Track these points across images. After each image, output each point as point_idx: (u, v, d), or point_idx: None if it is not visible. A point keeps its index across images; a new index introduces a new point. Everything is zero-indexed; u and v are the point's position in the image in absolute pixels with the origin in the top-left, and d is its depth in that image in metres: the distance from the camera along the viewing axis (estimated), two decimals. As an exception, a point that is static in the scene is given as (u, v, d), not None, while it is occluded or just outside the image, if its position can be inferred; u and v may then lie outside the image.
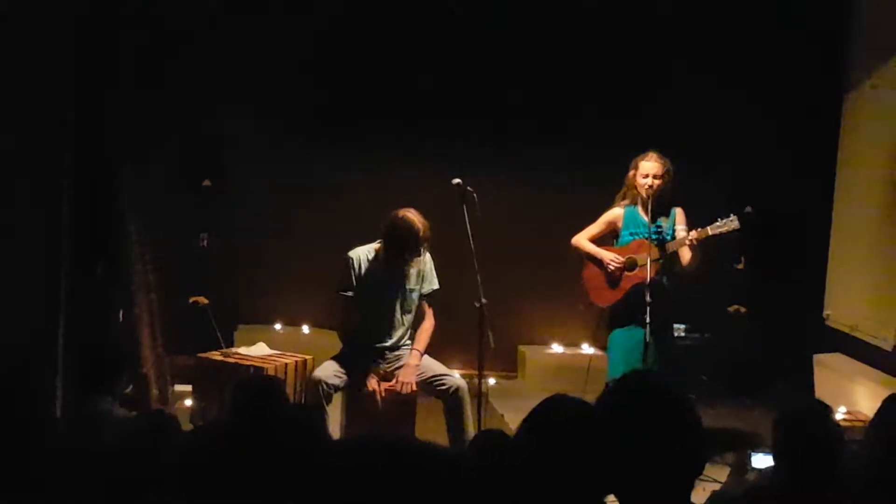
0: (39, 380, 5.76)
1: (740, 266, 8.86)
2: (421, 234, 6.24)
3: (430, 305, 6.57)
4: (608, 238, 6.83)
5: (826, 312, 8.39)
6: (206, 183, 8.77)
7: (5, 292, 5.96)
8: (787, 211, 8.67)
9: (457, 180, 6.19)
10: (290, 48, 8.63)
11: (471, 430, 6.18)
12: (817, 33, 8.48)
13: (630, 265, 6.58)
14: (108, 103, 6.80)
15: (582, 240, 6.80)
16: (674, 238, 6.54)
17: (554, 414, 2.61)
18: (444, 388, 6.31)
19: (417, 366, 6.38)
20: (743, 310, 8.82)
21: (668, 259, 6.52)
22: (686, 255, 6.51)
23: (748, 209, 8.42)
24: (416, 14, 8.66)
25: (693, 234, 6.39)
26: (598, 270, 6.73)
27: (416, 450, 2.09)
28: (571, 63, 8.68)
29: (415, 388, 6.33)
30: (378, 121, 8.66)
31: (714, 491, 5.13)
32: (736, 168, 8.59)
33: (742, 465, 5.47)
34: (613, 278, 6.66)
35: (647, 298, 6.14)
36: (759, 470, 5.24)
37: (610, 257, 6.66)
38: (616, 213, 6.76)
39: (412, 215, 6.27)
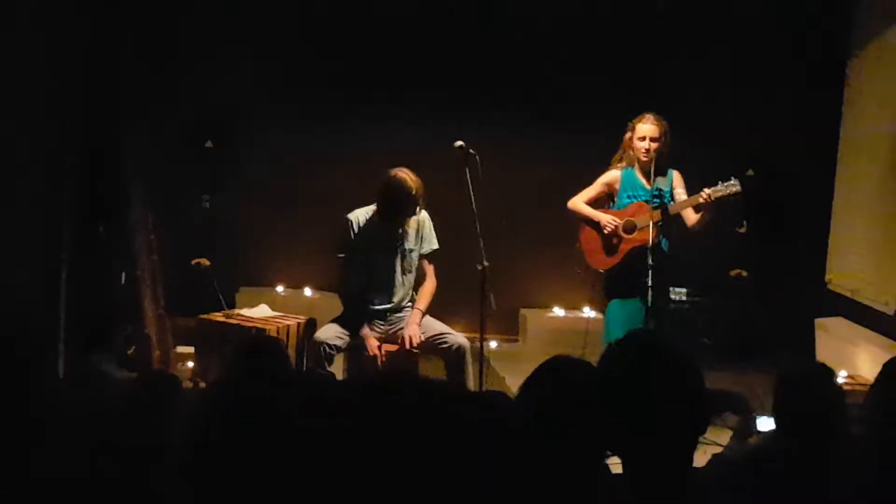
0: (41, 341, 5.77)
1: (742, 230, 8.84)
2: (414, 191, 6.25)
3: (430, 265, 6.58)
4: (604, 201, 6.75)
5: (827, 276, 8.39)
6: (209, 145, 8.76)
7: (8, 254, 5.97)
8: (789, 175, 8.65)
9: (459, 143, 6.16)
10: (293, 12, 8.59)
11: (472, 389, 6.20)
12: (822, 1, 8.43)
13: (629, 228, 6.52)
14: (112, 66, 6.78)
15: (578, 203, 6.71)
16: (672, 200, 6.49)
17: (556, 374, 2.61)
18: (446, 346, 6.33)
19: (419, 324, 6.40)
20: (744, 274, 8.82)
21: (667, 222, 6.46)
22: (692, 216, 6.46)
23: (750, 172, 8.41)
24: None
25: (707, 190, 6.29)
26: (596, 234, 6.65)
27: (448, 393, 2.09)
28: (574, 26, 8.63)
29: (421, 338, 6.35)
30: (380, 84, 8.62)
31: (715, 454, 5.15)
32: (738, 132, 8.54)
33: (746, 429, 5.48)
34: (611, 241, 6.59)
35: (650, 261, 6.11)
36: (763, 433, 5.26)
37: (608, 220, 6.57)
38: (613, 175, 6.67)
39: (404, 174, 6.28)
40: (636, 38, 8.60)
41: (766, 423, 5.34)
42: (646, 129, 6.45)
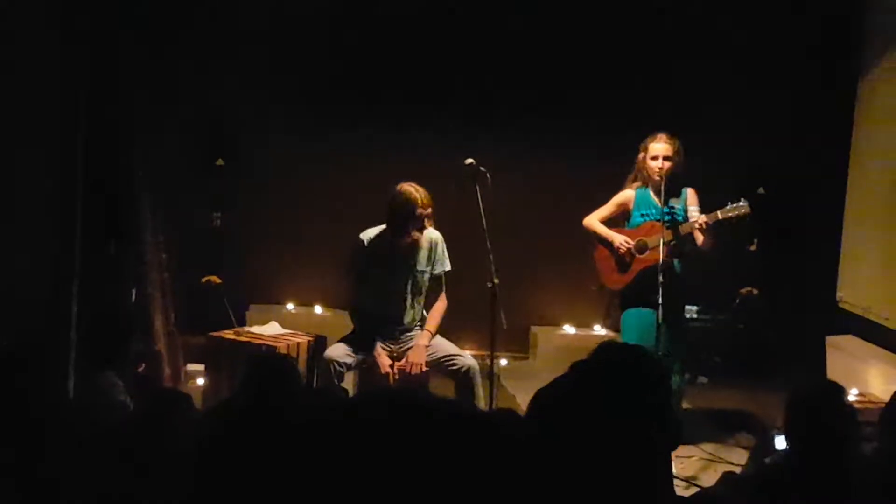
0: (52, 358, 5.78)
1: (753, 248, 8.83)
2: (420, 202, 6.25)
3: (442, 287, 6.57)
4: (619, 220, 6.77)
5: (839, 294, 8.36)
6: (220, 162, 8.78)
7: (19, 270, 5.98)
8: (801, 192, 8.63)
9: (469, 160, 6.17)
10: (304, 26, 8.61)
11: (482, 408, 6.18)
12: (833, 15, 8.41)
13: (640, 248, 6.53)
14: (123, 80, 6.80)
15: (593, 221, 6.75)
16: (686, 219, 6.50)
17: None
18: (455, 368, 6.31)
19: (427, 346, 6.38)
20: (755, 292, 8.80)
21: (680, 241, 6.46)
22: (699, 236, 6.47)
23: (761, 190, 8.40)
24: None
25: (703, 217, 6.33)
26: (609, 253, 6.67)
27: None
28: (585, 43, 8.64)
29: (424, 368, 6.33)
30: (391, 102, 8.64)
31: (726, 472, 5.13)
32: (749, 149, 8.54)
33: (763, 448, 5.44)
34: (624, 261, 6.60)
35: (660, 279, 6.10)
36: (779, 452, 5.22)
37: (620, 240, 6.59)
38: (627, 194, 6.70)
39: (409, 186, 6.29)
40: (650, 57, 8.60)
41: (783, 442, 5.29)
42: (658, 149, 6.46)
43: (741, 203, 6.28)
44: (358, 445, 1.97)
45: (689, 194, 6.59)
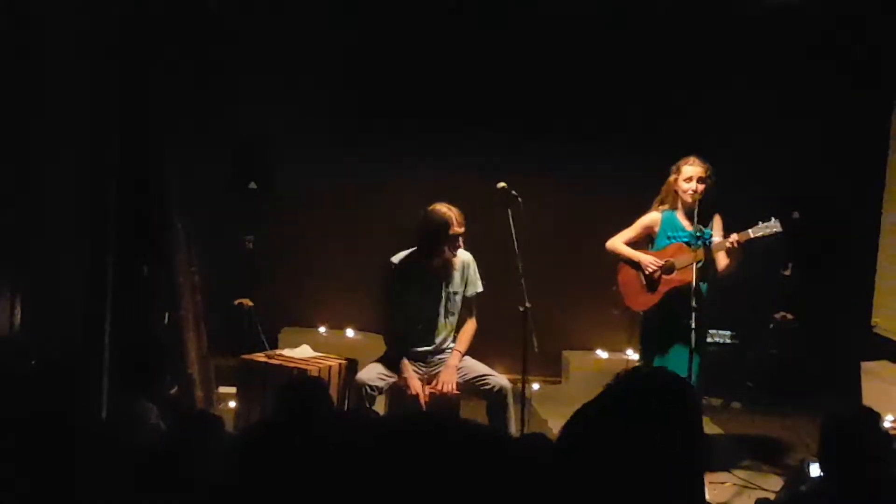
0: (82, 378, 5.82)
1: (787, 273, 8.78)
2: (454, 221, 6.24)
3: (472, 308, 6.56)
4: (642, 243, 6.73)
5: (874, 320, 8.30)
6: (252, 185, 8.83)
7: (52, 294, 6.02)
8: (836, 217, 8.58)
9: (501, 184, 6.16)
10: (335, 50, 8.67)
11: (514, 432, 6.16)
12: (866, 37, 8.38)
13: (668, 268, 6.50)
14: (156, 104, 6.85)
15: (618, 243, 6.70)
16: (711, 243, 6.44)
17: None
18: (487, 387, 6.29)
19: (458, 366, 6.37)
20: (790, 317, 8.75)
21: (707, 263, 6.40)
22: (722, 260, 6.40)
23: (795, 215, 8.35)
24: (460, 16, 8.68)
25: (734, 236, 6.25)
26: (634, 274, 6.63)
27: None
28: (616, 68, 8.65)
29: (455, 388, 6.32)
30: (423, 124, 8.65)
31: (759, 498, 5.09)
32: (784, 174, 8.50)
33: (798, 474, 5.39)
34: (651, 282, 6.56)
35: (693, 304, 6.05)
36: (814, 479, 5.17)
37: (650, 261, 6.55)
38: (653, 217, 6.66)
39: (443, 206, 6.28)
40: (682, 81, 8.59)
41: (818, 469, 5.24)
42: (692, 171, 6.42)
43: (772, 222, 6.22)
44: (384, 469, 1.97)
45: (716, 220, 6.54)
